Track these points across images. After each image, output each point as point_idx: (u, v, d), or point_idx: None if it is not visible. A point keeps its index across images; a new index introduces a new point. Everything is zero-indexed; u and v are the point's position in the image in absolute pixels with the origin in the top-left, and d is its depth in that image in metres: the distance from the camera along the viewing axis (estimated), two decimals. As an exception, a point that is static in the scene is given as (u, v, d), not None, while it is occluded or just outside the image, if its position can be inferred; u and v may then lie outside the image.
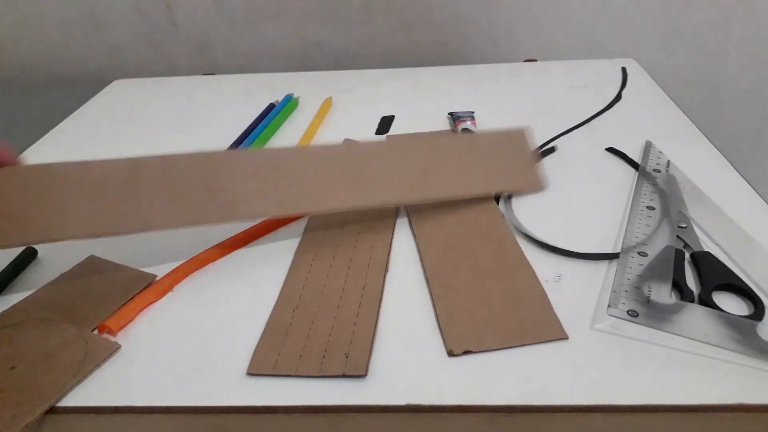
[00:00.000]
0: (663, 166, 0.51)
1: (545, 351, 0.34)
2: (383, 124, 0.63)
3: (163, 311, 0.39)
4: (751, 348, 0.33)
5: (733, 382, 0.31)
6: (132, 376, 0.34)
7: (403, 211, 0.47)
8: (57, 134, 0.66)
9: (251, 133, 0.61)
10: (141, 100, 0.73)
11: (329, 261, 0.42)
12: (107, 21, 0.88)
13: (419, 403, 0.31)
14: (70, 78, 0.93)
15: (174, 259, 0.43)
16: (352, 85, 0.74)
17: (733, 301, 0.37)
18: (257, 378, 0.33)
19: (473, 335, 0.35)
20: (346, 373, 0.33)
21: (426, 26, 0.88)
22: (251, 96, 0.72)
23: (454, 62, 0.84)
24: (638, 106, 0.64)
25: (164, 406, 0.32)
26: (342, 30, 0.88)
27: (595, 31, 0.87)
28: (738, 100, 0.92)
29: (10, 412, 0.31)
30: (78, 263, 0.43)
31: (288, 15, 0.87)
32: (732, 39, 0.86)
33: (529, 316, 0.36)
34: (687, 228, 0.43)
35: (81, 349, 0.35)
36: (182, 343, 0.36)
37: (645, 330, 0.34)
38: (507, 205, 0.47)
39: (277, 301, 0.38)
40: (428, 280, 0.39)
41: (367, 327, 0.36)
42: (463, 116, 0.60)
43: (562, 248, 0.42)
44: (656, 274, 0.38)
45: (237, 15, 0.87)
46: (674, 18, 0.85)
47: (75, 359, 0.34)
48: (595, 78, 0.71)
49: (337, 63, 0.91)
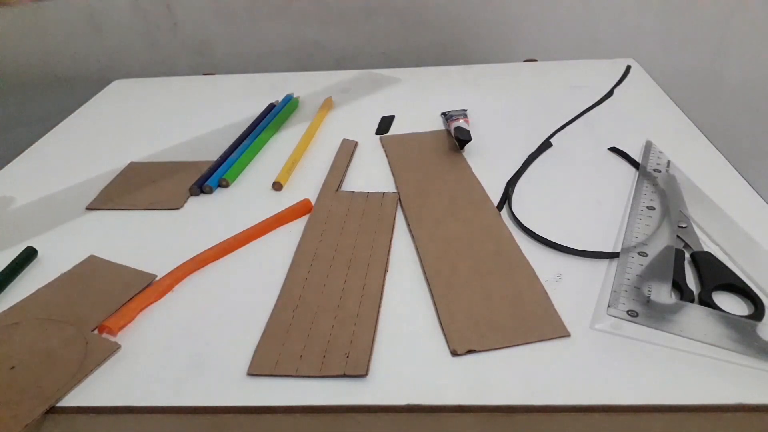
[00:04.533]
0: (663, 166, 0.51)
1: (545, 351, 0.34)
2: (383, 124, 0.63)
3: (163, 311, 0.39)
4: (751, 348, 0.33)
5: (733, 382, 0.31)
6: (132, 376, 0.34)
7: (401, 211, 0.47)
8: (57, 134, 0.66)
9: (251, 133, 0.61)
10: (141, 100, 0.73)
11: (329, 261, 0.42)
12: (107, 21, 0.88)
13: (419, 403, 0.31)
14: (70, 78, 0.93)
15: (174, 259, 0.43)
16: (352, 85, 0.74)
17: (733, 301, 0.37)
18: (257, 378, 0.33)
19: (475, 335, 0.35)
20: (346, 373, 0.33)
21: (426, 26, 0.88)
22: (251, 96, 0.72)
23: (454, 62, 0.84)
24: (638, 105, 0.64)
25: (164, 406, 0.32)
26: (342, 30, 0.88)
27: (595, 31, 0.87)
28: (738, 100, 0.92)
29: (10, 412, 0.31)
30: (78, 263, 0.43)
31: (288, 15, 0.87)
32: (732, 39, 0.86)
33: (531, 314, 0.36)
34: (687, 228, 0.43)
35: (81, 349, 0.35)
36: (182, 343, 0.36)
37: (645, 330, 0.34)
38: (507, 204, 0.47)
39: (277, 301, 0.38)
40: (428, 280, 0.39)
41: (368, 327, 0.36)
42: (455, 115, 0.60)
43: (563, 245, 0.42)
44: (656, 274, 0.38)
45: (237, 15, 0.87)
46: (674, 18, 0.85)
47: (75, 359, 0.34)
48: (595, 78, 0.71)
49: (337, 63, 0.91)
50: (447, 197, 0.49)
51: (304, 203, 0.48)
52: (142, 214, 0.50)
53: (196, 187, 0.52)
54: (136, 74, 0.91)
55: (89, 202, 0.52)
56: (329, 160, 0.56)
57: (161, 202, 0.51)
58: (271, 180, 0.53)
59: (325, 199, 0.50)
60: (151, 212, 0.50)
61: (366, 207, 0.48)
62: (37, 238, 0.47)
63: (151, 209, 0.50)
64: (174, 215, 0.49)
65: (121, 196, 0.52)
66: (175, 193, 0.52)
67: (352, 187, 0.52)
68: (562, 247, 0.42)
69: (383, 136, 0.61)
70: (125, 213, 0.50)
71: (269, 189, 0.52)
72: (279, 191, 0.52)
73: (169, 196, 0.52)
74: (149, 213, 0.50)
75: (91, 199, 0.52)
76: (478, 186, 0.50)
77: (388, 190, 0.51)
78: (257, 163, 0.57)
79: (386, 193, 0.50)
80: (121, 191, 0.53)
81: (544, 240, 0.43)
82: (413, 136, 0.60)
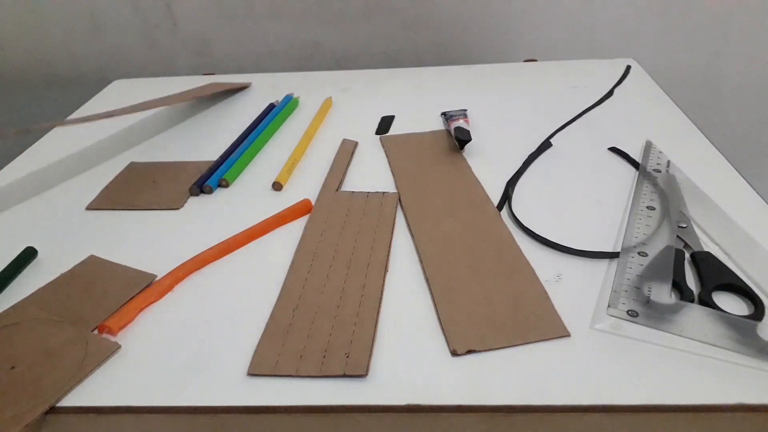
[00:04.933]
0: (663, 166, 0.51)
1: (545, 351, 0.34)
2: (383, 124, 0.63)
3: (163, 311, 0.39)
4: (751, 348, 0.33)
5: (733, 382, 0.31)
6: (132, 376, 0.34)
7: (401, 211, 0.47)
8: (57, 134, 0.66)
9: (251, 133, 0.61)
10: (141, 100, 0.73)
11: (329, 261, 0.42)
12: (107, 21, 0.88)
13: (419, 403, 0.31)
14: (70, 78, 0.93)
15: (174, 259, 0.43)
16: (352, 85, 0.74)
17: (733, 301, 0.37)
18: (257, 378, 0.33)
19: (476, 335, 0.35)
20: (346, 373, 0.33)
21: (426, 26, 0.88)
22: (251, 96, 0.72)
23: (454, 62, 0.84)
24: (638, 106, 0.64)
25: (164, 406, 0.32)
26: (342, 30, 0.88)
27: (595, 31, 0.87)
28: (738, 100, 0.92)
29: (10, 412, 0.31)
30: (78, 263, 0.43)
31: (288, 15, 0.87)
32: (732, 39, 0.86)
33: (531, 314, 0.36)
34: (687, 228, 0.43)
35: (81, 349, 0.35)
36: (182, 343, 0.36)
37: (645, 330, 0.34)
38: (507, 203, 0.47)
39: (277, 301, 0.38)
40: (428, 280, 0.39)
41: (368, 327, 0.36)
42: (455, 115, 0.60)
43: (563, 245, 0.42)
44: (656, 274, 0.38)
45: (237, 15, 0.87)
46: (674, 18, 0.85)
47: (75, 359, 0.34)
48: (596, 78, 0.71)
49: (337, 63, 0.91)
50: (447, 197, 0.49)
51: (304, 203, 0.48)
52: (142, 214, 0.50)
53: (196, 187, 0.52)
54: (136, 74, 0.91)
55: (89, 202, 0.52)
56: (329, 160, 0.56)
57: (161, 202, 0.51)
58: (271, 180, 0.53)
59: (325, 199, 0.50)
60: (151, 212, 0.50)
61: (366, 207, 0.48)
62: (37, 238, 0.47)
63: (151, 209, 0.50)
64: (174, 215, 0.49)
65: (121, 196, 0.52)
66: (175, 193, 0.52)
67: (352, 187, 0.52)
68: (562, 247, 0.42)
69: (383, 136, 0.61)
70: (125, 213, 0.50)
71: (269, 189, 0.52)
72: (279, 191, 0.52)
73: (169, 196, 0.52)
74: (149, 213, 0.50)
75: (91, 199, 0.52)
76: (478, 186, 0.50)
77: (388, 190, 0.51)
78: (257, 163, 0.57)
79: (386, 193, 0.50)
80: (121, 191, 0.53)
81: (544, 240, 0.43)
82: (413, 136, 0.60)
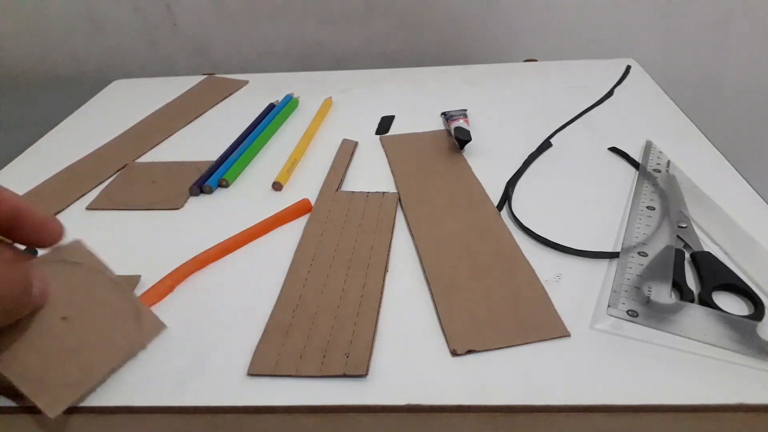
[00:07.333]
0: (663, 166, 0.51)
1: (544, 351, 0.34)
2: (383, 123, 0.63)
3: (164, 311, 0.38)
4: (751, 348, 0.33)
5: (733, 382, 0.31)
6: (132, 376, 0.34)
7: (401, 211, 0.47)
8: (57, 134, 0.66)
9: (251, 133, 0.61)
10: (141, 100, 0.73)
11: (329, 261, 0.42)
12: (107, 21, 0.88)
13: (419, 403, 0.31)
14: (70, 78, 0.93)
15: (174, 259, 0.43)
16: (352, 85, 0.74)
17: (733, 301, 0.37)
18: (257, 378, 0.33)
19: (476, 334, 0.35)
20: (346, 373, 0.33)
21: (426, 26, 0.88)
22: (251, 96, 0.72)
23: (454, 62, 0.84)
24: (638, 105, 0.64)
25: (164, 406, 0.32)
26: (342, 30, 0.88)
27: (595, 31, 0.87)
28: (738, 100, 0.92)
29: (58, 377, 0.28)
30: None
31: (288, 15, 0.87)
32: (732, 39, 0.86)
33: (531, 314, 0.36)
34: (687, 228, 0.43)
35: (132, 322, 0.32)
36: (182, 343, 0.36)
37: (645, 330, 0.34)
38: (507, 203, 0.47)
39: (277, 301, 0.38)
40: (428, 280, 0.39)
41: (367, 327, 0.36)
42: (455, 115, 0.60)
43: (563, 245, 0.42)
44: (656, 274, 0.38)
45: (237, 15, 0.87)
46: (674, 18, 0.85)
47: (126, 330, 0.32)
48: (596, 78, 0.71)
49: (337, 63, 0.91)
50: (447, 197, 0.49)
51: (304, 203, 0.48)
52: (142, 214, 0.50)
53: (196, 187, 0.52)
54: (136, 74, 0.91)
55: (89, 202, 0.52)
56: (329, 160, 0.56)
57: (161, 202, 0.51)
58: (271, 180, 0.53)
59: (325, 199, 0.50)
60: (151, 212, 0.50)
61: (366, 207, 0.48)
62: (37, 238, 0.47)
63: (151, 209, 0.50)
64: (174, 215, 0.49)
65: (121, 196, 0.52)
66: (175, 193, 0.52)
67: (352, 187, 0.52)
68: (562, 247, 0.42)
69: (383, 136, 0.61)
70: (125, 213, 0.50)
71: (269, 189, 0.52)
72: (279, 191, 0.52)
73: (169, 196, 0.52)
74: (149, 213, 0.50)
75: (91, 199, 0.52)
76: (478, 186, 0.50)
77: (388, 190, 0.51)
78: (257, 163, 0.57)
79: (386, 193, 0.50)
80: (121, 191, 0.53)
81: (544, 240, 0.43)
82: (413, 136, 0.60)
